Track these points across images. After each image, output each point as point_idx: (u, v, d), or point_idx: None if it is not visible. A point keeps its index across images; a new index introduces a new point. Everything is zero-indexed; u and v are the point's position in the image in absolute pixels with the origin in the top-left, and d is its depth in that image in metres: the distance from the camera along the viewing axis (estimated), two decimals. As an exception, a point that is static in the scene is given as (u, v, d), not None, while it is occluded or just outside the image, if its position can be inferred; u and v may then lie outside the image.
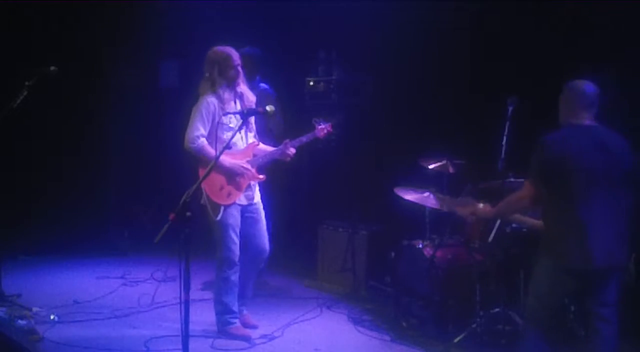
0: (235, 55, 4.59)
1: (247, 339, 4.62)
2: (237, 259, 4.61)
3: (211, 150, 4.47)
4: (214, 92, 4.54)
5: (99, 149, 7.49)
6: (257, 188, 4.78)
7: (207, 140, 4.51)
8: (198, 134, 4.48)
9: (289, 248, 6.99)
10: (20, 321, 4.63)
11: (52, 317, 4.89)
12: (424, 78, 6.00)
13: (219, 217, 4.51)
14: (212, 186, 4.54)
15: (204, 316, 4.92)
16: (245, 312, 4.91)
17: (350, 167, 6.43)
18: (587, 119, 3.58)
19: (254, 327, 4.84)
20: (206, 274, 5.75)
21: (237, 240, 4.60)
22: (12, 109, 4.81)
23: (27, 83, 4.90)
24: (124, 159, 7.65)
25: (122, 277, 6.17)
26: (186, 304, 3.48)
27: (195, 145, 4.48)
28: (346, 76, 6.41)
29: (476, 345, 4.48)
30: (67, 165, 7.24)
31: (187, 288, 3.47)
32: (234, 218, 4.57)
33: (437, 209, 5.00)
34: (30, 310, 4.97)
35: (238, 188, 4.58)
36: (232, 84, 4.59)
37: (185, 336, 3.44)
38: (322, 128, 4.81)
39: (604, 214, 3.43)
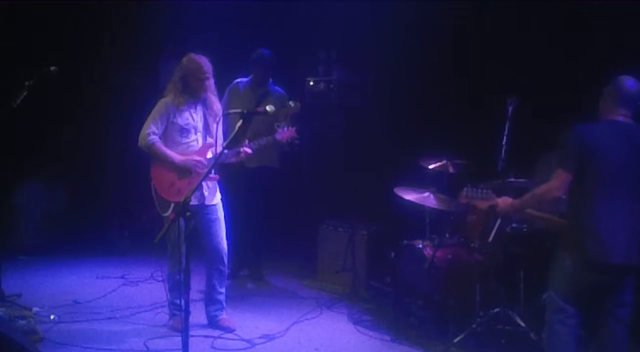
0: (207, 66, 4.63)
1: (176, 329, 4.60)
2: (181, 256, 4.60)
3: (163, 148, 4.62)
4: (173, 95, 4.65)
5: (99, 149, 7.49)
6: (217, 189, 4.80)
7: (161, 139, 4.65)
8: (149, 131, 4.62)
9: (289, 248, 7.00)
10: (20, 321, 4.62)
11: (52, 317, 4.89)
12: (424, 78, 6.00)
13: (167, 214, 4.58)
14: (162, 181, 4.63)
15: (203, 316, 4.92)
16: (221, 316, 4.87)
17: (350, 167, 6.44)
18: (621, 116, 3.54)
19: (230, 330, 4.80)
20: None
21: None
22: (12, 109, 4.81)
23: (27, 83, 4.90)
24: (124, 158, 7.64)
25: (122, 277, 6.16)
26: (186, 304, 3.48)
27: (146, 141, 4.61)
28: (346, 76, 6.42)
29: (476, 345, 4.48)
30: (66, 165, 7.24)
31: (187, 288, 3.47)
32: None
33: (440, 208, 5.01)
34: (30, 310, 4.96)
35: (189, 186, 4.56)
36: (194, 93, 4.66)
37: (185, 336, 3.44)
38: (283, 132, 4.85)
39: (625, 211, 3.41)
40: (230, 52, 6.32)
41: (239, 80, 5.89)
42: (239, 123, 4.18)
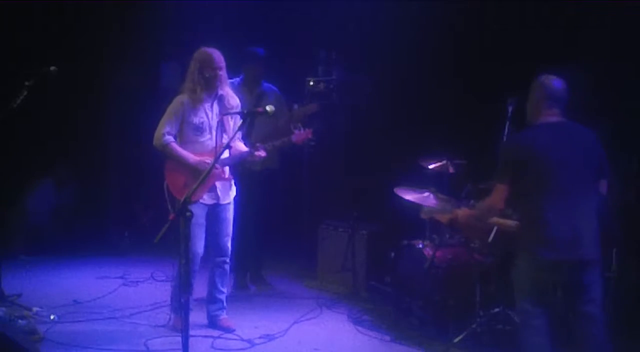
0: (218, 57, 4.62)
1: (176, 329, 4.59)
2: (196, 260, 4.61)
3: (177, 149, 4.60)
4: (190, 92, 4.62)
5: (99, 149, 7.49)
6: (231, 188, 4.79)
7: (176, 138, 4.64)
8: (164, 131, 4.61)
9: (289, 248, 7.00)
10: (20, 321, 4.62)
11: (52, 317, 4.89)
12: (424, 78, 6.00)
13: None
14: (175, 181, 4.62)
15: (203, 316, 4.92)
16: (222, 316, 4.86)
17: (351, 167, 6.44)
18: (553, 115, 3.60)
19: (230, 330, 4.79)
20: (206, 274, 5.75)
21: (197, 240, 4.58)
22: (12, 109, 4.80)
23: (27, 83, 4.89)
24: (124, 159, 7.66)
25: (122, 277, 6.16)
26: (186, 304, 3.48)
27: (161, 142, 4.60)
28: (346, 76, 6.41)
29: (476, 345, 4.48)
30: (67, 165, 7.24)
31: (187, 288, 3.47)
32: (196, 216, 4.56)
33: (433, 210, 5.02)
34: (30, 310, 4.97)
35: (202, 186, 4.51)
36: (209, 85, 4.61)
37: (185, 336, 3.44)
38: (299, 134, 4.85)
39: (571, 208, 3.45)
40: (230, 52, 6.32)
41: (229, 81, 5.76)
42: (239, 123, 4.18)
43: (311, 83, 6.44)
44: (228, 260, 4.85)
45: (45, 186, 7.21)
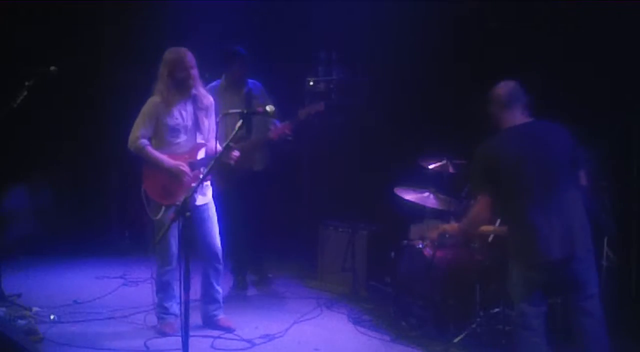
0: (188, 56, 4.56)
1: (166, 334, 4.62)
2: (171, 259, 4.58)
3: (153, 152, 4.55)
4: (161, 93, 4.56)
5: (99, 149, 7.49)
6: (208, 188, 4.73)
7: (151, 140, 4.59)
8: (138, 134, 4.55)
9: (289, 248, 7.00)
10: (20, 321, 4.63)
11: (52, 317, 4.90)
12: (424, 78, 6.00)
13: (158, 217, 4.50)
14: (153, 184, 4.58)
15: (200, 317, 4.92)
16: (220, 315, 4.85)
17: (351, 167, 6.44)
18: (520, 117, 3.63)
19: (230, 330, 4.78)
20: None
21: (173, 241, 4.55)
22: (12, 109, 4.81)
23: (27, 83, 4.90)
24: (124, 158, 7.63)
25: (122, 277, 6.17)
26: (186, 304, 3.48)
27: (136, 145, 4.55)
28: (346, 76, 6.42)
29: (476, 345, 4.48)
30: (66, 165, 7.24)
31: (187, 288, 3.47)
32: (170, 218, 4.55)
33: (440, 208, 5.02)
34: (30, 310, 4.97)
35: (179, 189, 4.51)
36: (182, 86, 4.56)
37: (185, 336, 3.44)
38: (275, 129, 4.82)
39: (555, 205, 3.45)
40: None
41: (210, 85, 5.42)
42: (239, 123, 4.17)
43: (311, 83, 6.45)
44: (220, 258, 4.80)
45: (45, 186, 7.20)
